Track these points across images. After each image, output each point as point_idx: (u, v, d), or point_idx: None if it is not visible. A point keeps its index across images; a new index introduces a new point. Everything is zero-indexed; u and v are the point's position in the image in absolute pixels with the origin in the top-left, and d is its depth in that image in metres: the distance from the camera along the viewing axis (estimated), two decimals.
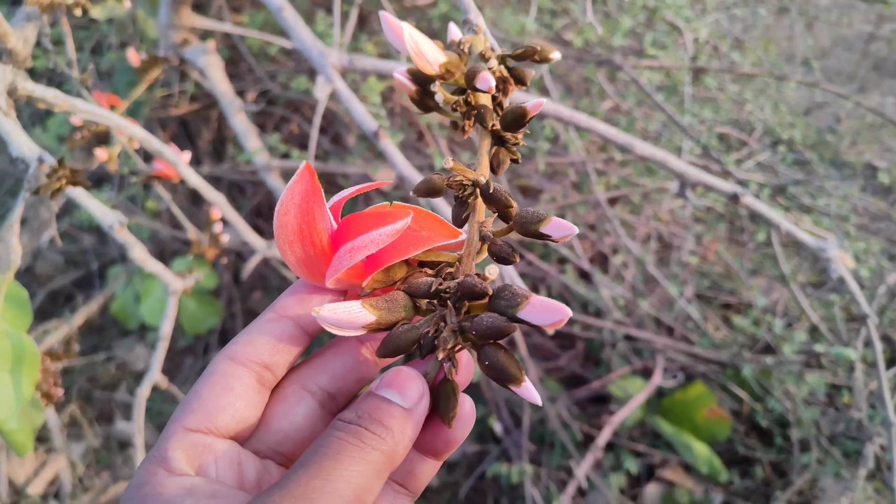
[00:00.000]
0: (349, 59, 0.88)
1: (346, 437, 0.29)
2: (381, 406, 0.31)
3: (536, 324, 0.32)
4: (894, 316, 1.40)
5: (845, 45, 2.27)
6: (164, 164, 0.88)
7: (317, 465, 0.28)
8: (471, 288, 0.33)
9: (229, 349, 0.34)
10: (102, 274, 1.85)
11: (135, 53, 1.31)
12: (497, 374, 0.32)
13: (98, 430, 1.59)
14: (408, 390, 0.31)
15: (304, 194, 0.33)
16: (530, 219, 0.35)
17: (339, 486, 0.28)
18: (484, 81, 0.39)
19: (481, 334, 0.32)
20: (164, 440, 0.31)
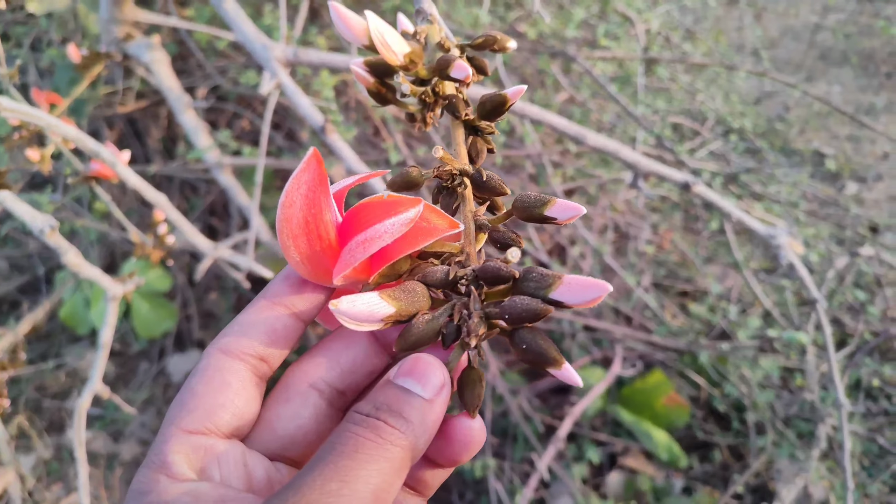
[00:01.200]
0: (294, 52, 0.85)
1: (363, 433, 0.27)
2: (400, 397, 0.29)
3: (571, 304, 0.30)
4: (843, 299, 1.44)
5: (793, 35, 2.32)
6: (102, 165, 0.85)
7: (332, 465, 0.26)
8: (495, 272, 0.31)
9: (221, 342, 0.32)
10: (49, 279, 1.78)
11: (75, 49, 1.26)
12: (536, 358, 0.30)
13: (48, 440, 1.54)
14: (429, 379, 0.29)
15: (311, 184, 0.30)
16: (533, 203, 0.34)
17: (357, 488, 0.26)
18: (460, 70, 0.38)
19: (515, 318, 0.30)
20: (161, 444, 0.29)
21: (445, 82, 0.40)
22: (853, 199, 1.79)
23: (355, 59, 0.42)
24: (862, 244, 1.48)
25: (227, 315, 1.72)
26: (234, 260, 0.90)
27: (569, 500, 1.32)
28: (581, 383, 0.30)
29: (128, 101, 1.71)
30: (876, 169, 1.90)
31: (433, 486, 0.34)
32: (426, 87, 0.40)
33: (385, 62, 0.40)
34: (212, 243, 0.91)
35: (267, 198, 1.69)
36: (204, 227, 1.82)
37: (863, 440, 1.27)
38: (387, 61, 0.40)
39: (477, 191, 0.36)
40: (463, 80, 0.38)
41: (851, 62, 2.23)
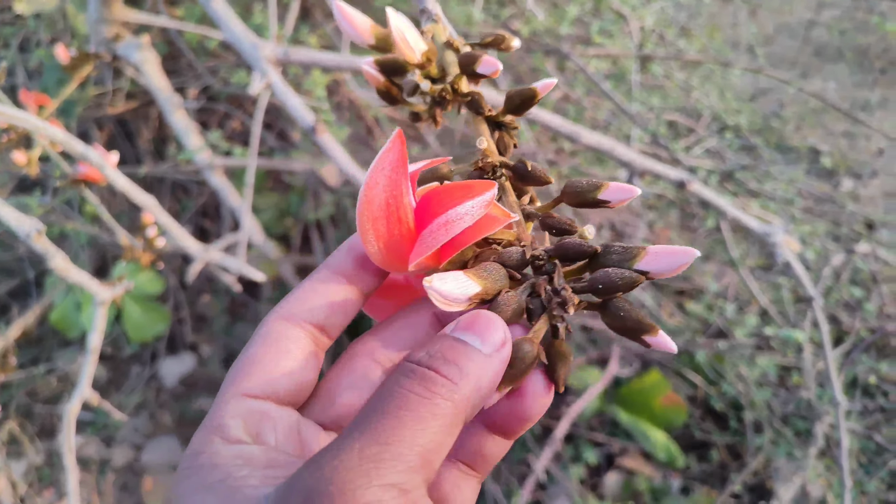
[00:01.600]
0: (284, 51, 0.84)
1: (410, 386, 0.25)
2: (456, 347, 0.27)
3: (658, 273, 0.30)
4: (840, 296, 1.43)
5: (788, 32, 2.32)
6: (89, 167, 0.83)
7: (374, 425, 0.24)
8: (577, 248, 0.31)
9: (282, 308, 0.31)
10: (40, 282, 1.76)
11: (64, 50, 1.24)
12: (633, 326, 0.30)
13: (40, 446, 1.52)
14: (489, 335, 0.27)
15: (395, 164, 0.29)
16: (586, 188, 0.34)
17: (401, 451, 0.23)
18: (488, 65, 0.38)
19: (610, 288, 0.30)
20: (219, 407, 0.29)
21: (462, 80, 0.40)
22: (849, 195, 1.78)
23: (366, 59, 0.42)
24: (858, 241, 1.47)
25: (219, 317, 1.71)
26: (225, 263, 0.88)
27: (566, 502, 1.31)
28: (675, 349, 0.30)
29: (118, 101, 1.69)
30: (871, 165, 1.90)
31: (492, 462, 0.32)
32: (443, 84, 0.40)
33: (396, 61, 0.41)
34: (202, 246, 0.89)
35: (259, 199, 1.67)
36: (196, 228, 1.80)
37: (860, 438, 1.27)
38: (399, 60, 0.40)
39: (520, 182, 0.37)
40: (491, 76, 0.38)
41: (846, 58, 2.23)
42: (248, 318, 1.71)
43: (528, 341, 0.29)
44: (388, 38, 0.44)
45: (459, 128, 1.45)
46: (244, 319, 1.72)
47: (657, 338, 0.29)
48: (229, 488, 0.25)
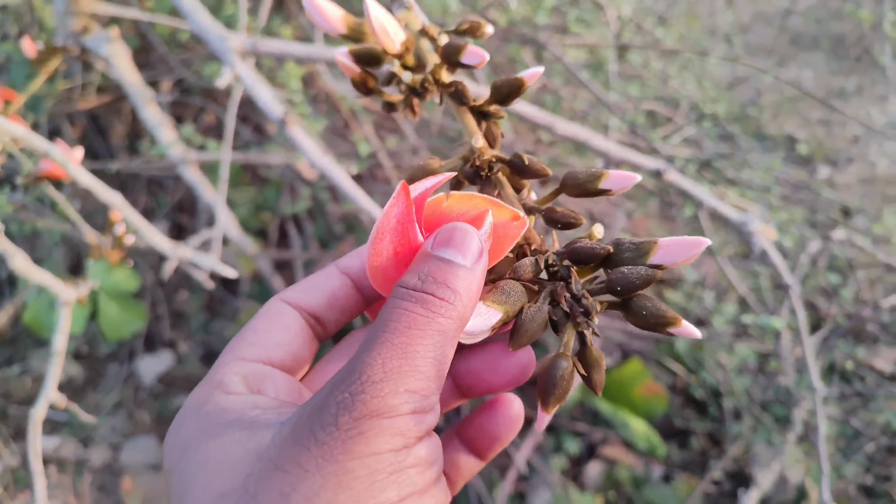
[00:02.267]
0: (253, 42, 0.82)
1: (413, 308, 0.27)
2: (444, 268, 0.29)
3: (671, 265, 0.31)
4: (817, 283, 1.45)
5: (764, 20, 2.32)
6: (53, 164, 0.81)
7: (389, 343, 0.26)
8: (589, 251, 0.31)
9: (286, 294, 0.34)
10: (13, 281, 1.73)
11: (30, 43, 1.22)
12: (656, 320, 0.30)
13: (15, 448, 1.50)
14: (468, 247, 0.29)
15: (401, 217, 0.30)
16: (586, 178, 0.34)
17: (417, 363, 0.26)
18: (473, 55, 0.38)
19: (628, 287, 0.30)
20: (219, 367, 0.31)
21: (443, 70, 0.40)
22: (825, 182, 1.80)
23: (340, 49, 0.41)
24: (834, 228, 1.48)
25: (198, 314, 1.68)
26: (197, 260, 0.87)
27: (548, 493, 1.32)
28: (700, 334, 0.31)
29: (89, 96, 1.66)
30: (847, 152, 1.91)
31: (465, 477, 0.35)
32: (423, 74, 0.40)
33: (372, 51, 0.40)
34: (173, 243, 0.88)
35: (235, 193, 1.65)
36: (172, 224, 1.78)
37: (838, 423, 1.28)
38: (375, 50, 0.40)
39: (517, 175, 0.36)
40: (476, 66, 0.38)
41: (822, 47, 2.24)
42: (227, 315, 1.69)
43: (562, 357, 0.30)
44: (361, 28, 0.43)
45: (436, 119, 1.43)
46: (222, 316, 1.70)
47: (682, 328, 0.30)
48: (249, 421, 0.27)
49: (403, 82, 0.40)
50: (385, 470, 0.24)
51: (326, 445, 0.24)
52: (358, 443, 0.24)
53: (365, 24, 0.42)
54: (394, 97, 0.42)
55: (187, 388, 1.63)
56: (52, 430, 1.58)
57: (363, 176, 1.49)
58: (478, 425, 0.34)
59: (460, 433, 0.36)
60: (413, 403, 0.26)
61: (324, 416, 0.25)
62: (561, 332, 0.31)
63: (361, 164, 1.40)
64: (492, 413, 0.35)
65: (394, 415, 0.25)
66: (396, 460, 0.25)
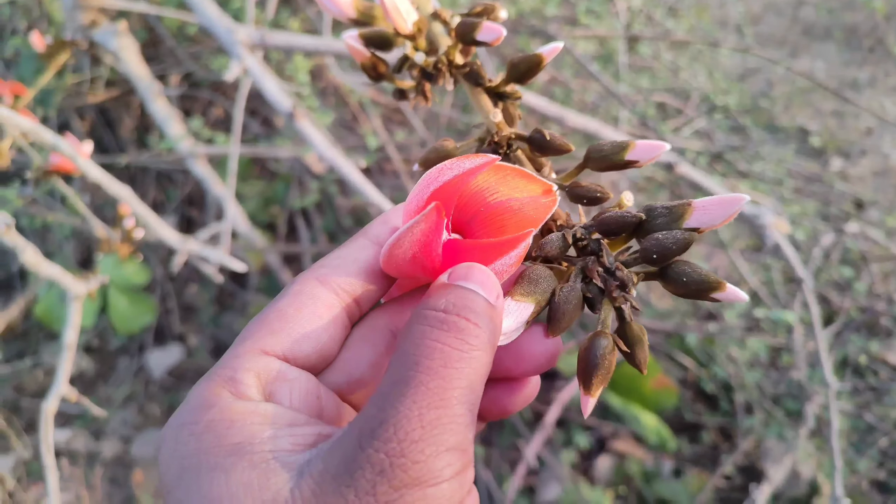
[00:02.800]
0: (261, 35, 0.82)
1: (445, 340, 0.25)
2: (468, 296, 0.26)
3: (710, 226, 0.29)
4: (830, 276, 1.43)
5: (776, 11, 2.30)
6: (62, 158, 0.81)
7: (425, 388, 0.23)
8: (619, 220, 0.29)
9: (318, 272, 0.30)
10: (24, 275, 1.74)
11: (39, 37, 1.21)
12: (699, 286, 0.28)
13: (27, 440, 1.51)
14: (490, 286, 0.27)
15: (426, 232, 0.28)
16: (612, 150, 0.32)
17: (455, 412, 0.23)
18: (490, 31, 0.36)
19: (665, 254, 0.28)
20: (233, 358, 0.27)
21: (456, 51, 0.38)
22: (838, 175, 1.78)
23: (349, 32, 0.40)
24: (847, 221, 1.46)
25: (207, 307, 1.69)
26: (205, 253, 0.87)
27: (558, 487, 1.31)
28: (746, 297, 0.29)
29: (97, 90, 1.66)
30: (860, 144, 1.89)
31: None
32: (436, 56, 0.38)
33: (382, 34, 0.39)
34: (182, 237, 0.87)
35: (244, 187, 1.65)
36: (182, 218, 1.78)
37: (851, 417, 1.27)
38: (385, 33, 0.39)
39: (538, 152, 0.35)
40: (492, 43, 0.37)
41: (835, 37, 2.21)
42: (237, 308, 1.69)
43: (602, 335, 0.28)
44: (371, 12, 0.42)
45: (445, 112, 1.42)
46: (232, 309, 1.71)
47: (727, 293, 0.28)
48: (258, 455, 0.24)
49: (416, 64, 0.39)
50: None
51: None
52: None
53: (375, 8, 0.41)
54: (405, 83, 0.40)
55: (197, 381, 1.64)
56: (64, 423, 1.59)
57: (372, 169, 1.48)
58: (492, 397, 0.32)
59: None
60: (456, 465, 0.23)
61: (357, 480, 0.22)
62: (598, 310, 0.29)
63: (370, 158, 1.39)
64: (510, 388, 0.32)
65: (439, 482, 0.22)
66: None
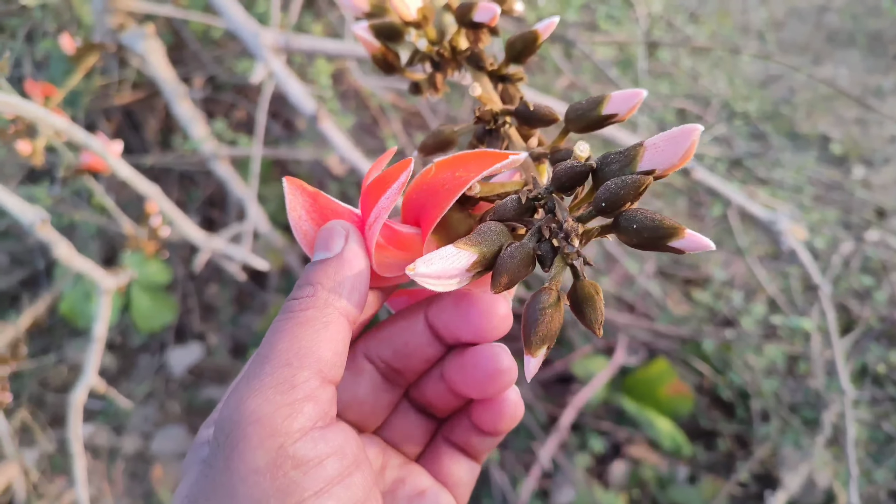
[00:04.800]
0: (285, 38, 0.84)
1: (280, 318, 0.29)
2: (310, 270, 0.30)
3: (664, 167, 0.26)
4: (849, 285, 1.42)
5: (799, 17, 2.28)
6: (93, 157, 0.84)
7: (262, 360, 0.28)
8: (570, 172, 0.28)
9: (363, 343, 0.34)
10: (50, 272, 1.78)
11: (69, 40, 1.25)
12: (652, 234, 0.25)
13: (51, 434, 1.54)
14: (331, 241, 0.31)
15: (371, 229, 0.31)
16: (588, 105, 0.32)
17: (291, 361, 0.27)
18: (485, 11, 0.36)
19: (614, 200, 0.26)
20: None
21: (460, 38, 0.38)
22: (860, 183, 1.76)
23: (360, 24, 0.40)
24: (868, 229, 1.45)
25: (227, 307, 1.71)
26: (229, 252, 0.89)
27: (572, 490, 1.31)
28: (712, 245, 0.25)
29: (124, 92, 1.70)
30: (883, 152, 1.87)
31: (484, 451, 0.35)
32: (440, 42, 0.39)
33: (392, 24, 0.39)
34: (206, 235, 0.90)
35: (265, 188, 1.67)
36: (203, 218, 1.81)
37: (869, 427, 1.26)
38: (395, 23, 0.39)
39: (525, 125, 0.35)
40: (489, 23, 0.37)
41: (859, 43, 2.20)
42: (256, 308, 1.72)
43: (544, 290, 0.27)
44: (383, 5, 0.43)
45: (463, 116, 1.44)
46: (251, 309, 1.73)
47: (686, 240, 0.25)
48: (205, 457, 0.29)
49: (420, 50, 0.39)
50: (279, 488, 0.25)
51: (214, 468, 0.26)
52: (234, 459, 0.25)
53: (387, 1, 0.42)
54: (416, 75, 0.41)
55: (216, 380, 1.66)
56: (86, 419, 1.62)
57: None
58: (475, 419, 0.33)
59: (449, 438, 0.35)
60: (288, 406, 0.26)
61: (215, 436, 0.27)
62: (548, 268, 0.28)
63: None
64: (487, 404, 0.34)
65: (266, 424, 0.25)
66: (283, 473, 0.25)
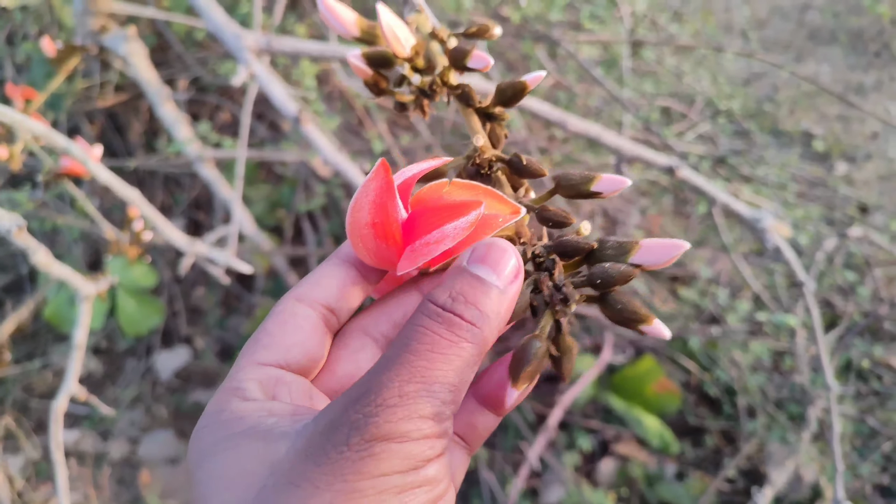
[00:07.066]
0: (267, 40, 0.83)
1: (437, 330, 0.28)
2: (475, 286, 0.29)
3: (651, 265, 0.32)
4: (833, 281, 1.43)
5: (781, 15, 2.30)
6: (72, 161, 0.83)
7: (408, 366, 0.27)
8: (574, 245, 0.33)
9: (296, 291, 0.34)
10: (33, 277, 1.76)
11: (49, 42, 1.23)
12: (629, 317, 0.31)
13: (36, 441, 1.52)
14: (503, 266, 0.30)
15: (379, 191, 0.32)
16: (578, 180, 0.36)
17: (435, 389, 0.26)
18: (479, 60, 0.39)
19: (607, 282, 0.31)
20: (236, 372, 0.31)
21: (451, 72, 0.41)
22: (843, 179, 1.78)
23: (353, 52, 0.43)
24: (851, 225, 1.47)
25: (214, 310, 1.70)
26: (212, 256, 0.88)
27: (561, 489, 1.32)
28: (669, 335, 0.32)
29: (107, 94, 1.68)
30: (865, 149, 1.89)
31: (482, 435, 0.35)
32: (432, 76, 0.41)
33: (384, 54, 0.42)
34: (189, 239, 0.89)
35: (251, 190, 1.67)
36: (189, 221, 1.80)
37: (854, 421, 1.27)
38: (387, 53, 0.41)
39: (515, 174, 0.38)
40: (481, 70, 0.39)
41: (840, 41, 2.21)
42: (243, 311, 1.71)
43: (537, 338, 0.31)
44: (373, 31, 0.44)
45: (450, 116, 1.44)
46: (238, 312, 1.72)
47: (652, 326, 0.31)
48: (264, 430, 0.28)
49: (413, 84, 0.41)
50: (392, 490, 0.25)
51: (337, 464, 0.25)
52: (368, 464, 0.25)
53: (377, 28, 0.43)
54: (405, 97, 0.43)
55: (204, 384, 1.65)
56: (72, 424, 1.61)
57: None
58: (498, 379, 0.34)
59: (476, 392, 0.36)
60: (426, 430, 0.26)
61: (337, 435, 0.26)
62: (539, 317, 0.33)
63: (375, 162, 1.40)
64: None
65: (405, 440, 0.26)
66: (404, 482, 0.25)
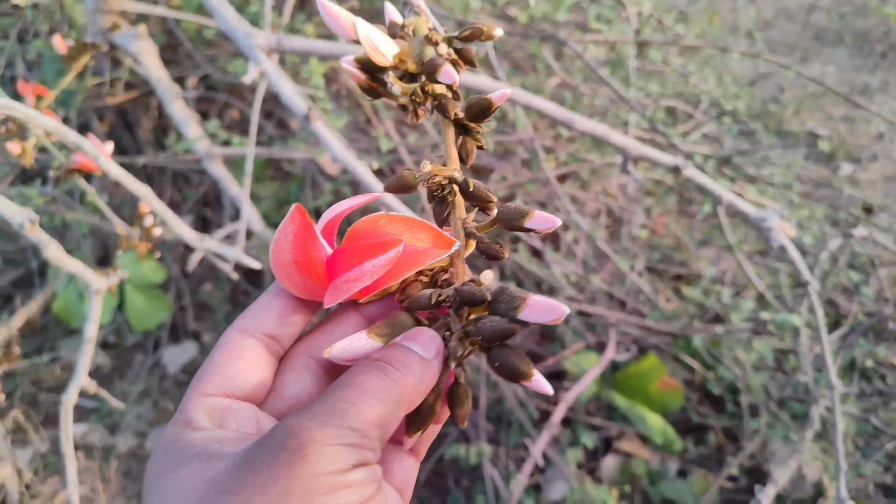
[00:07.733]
0: (277, 39, 0.84)
1: (371, 371, 0.32)
2: (405, 352, 0.33)
3: (536, 322, 0.34)
4: (837, 280, 1.44)
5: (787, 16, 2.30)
6: (84, 157, 0.84)
7: (342, 392, 0.31)
8: (470, 296, 0.35)
9: (239, 322, 0.37)
10: (43, 272, 1.78)
11: (60, 40, 1.25)
12: (509, 373, 0.33)
13: (44, 434, 1.54)
14: (428, 345, 0.34)
15: (297, 232, 0.35)
16: (514, 214, 0.37)
17: (364, 410, 0.30)
18: (447, 75, 0.40)
19: (487, 338, 0.34)
20: (184, 404, 0.34)
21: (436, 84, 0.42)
22: (848, 180, 1.78)
23: (346, 57, 0.43)
24: (856, 225, 1.47)
25: (221, 306, 1.72)
26: (222, 251, 0.89)
27: (564, 485, 1.33)
28: (551, 391, 0.33)
29: (117, 92, 1.70)
30: (870, 149, 1.89)
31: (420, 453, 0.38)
32: (416, 84, 0.42)
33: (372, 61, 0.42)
34: (199, 235, 0.90)
35: (259, 187, 1.68)
36: (197, 218, 1.81)
37: (857, 420, 1.27)
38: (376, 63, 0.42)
39: (465, 199, 0.39)
40: (451, 86, 0.41)
41: (846, 42, 2.21)
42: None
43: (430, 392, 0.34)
44: None
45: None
46: (245, 307, 1.74)
47: (532, 382, 0.33)
48: (209, 454, 0.30)
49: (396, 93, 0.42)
50: (320, 490, 0.27)
51: (273, 467, 0.27)
52: (301, 465, 0.27)
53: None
54: (403, 99, 0.43)
55: None
56: (80, 418, 1.62)
57: (384, 171, 1.50)
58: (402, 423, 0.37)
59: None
60: (352, 438, 0.29)
61: (273, 441, 0.28)
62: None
63: (382, 160, 1.41)
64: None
65: (333, 443, 0.28)
66: (332, 482, 0.28)
